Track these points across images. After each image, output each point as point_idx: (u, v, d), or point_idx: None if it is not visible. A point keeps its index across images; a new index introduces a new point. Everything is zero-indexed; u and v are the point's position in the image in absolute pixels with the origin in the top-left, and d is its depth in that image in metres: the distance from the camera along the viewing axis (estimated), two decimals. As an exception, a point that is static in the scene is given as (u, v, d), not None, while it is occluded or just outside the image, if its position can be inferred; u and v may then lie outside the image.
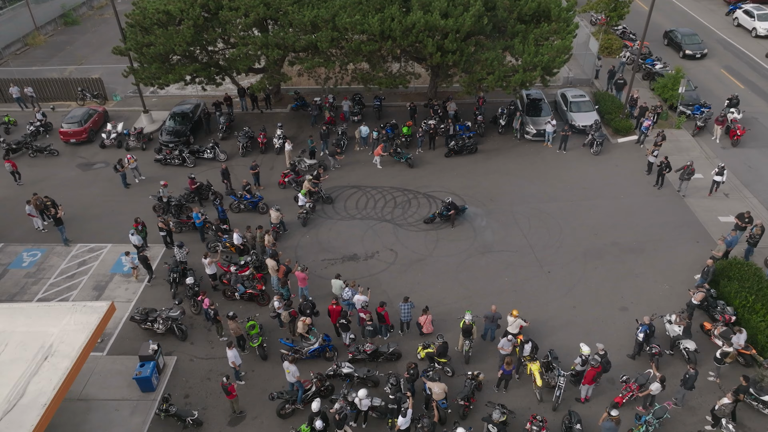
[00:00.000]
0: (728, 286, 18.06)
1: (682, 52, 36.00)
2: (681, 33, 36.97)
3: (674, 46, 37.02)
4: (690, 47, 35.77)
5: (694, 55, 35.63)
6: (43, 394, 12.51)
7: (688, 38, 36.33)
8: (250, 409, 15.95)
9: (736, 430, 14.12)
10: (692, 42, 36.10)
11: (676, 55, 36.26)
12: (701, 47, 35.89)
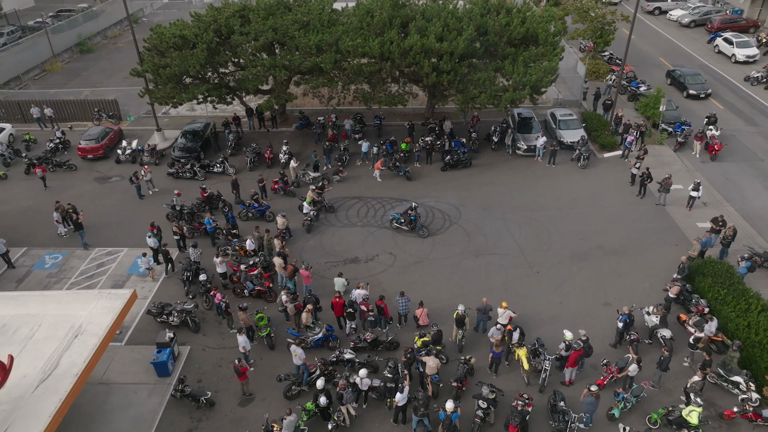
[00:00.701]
0: (702, 282, 19.47)
1: (686, 91, 35.56)
2: (684, 73, 36.54)
3: (678, 85, 36.54)
4: (694, 87, 35.37)
5: (698, 95, 35.14)
6: (75, 366, 13.82)
7: (692, 78, 35.91)
8: (259, 392, 17.17)
9: (702, 403, 15.35)
10: (696, 82, 35.66)
11: (680, 94, 35.80)
12: (705, 87, 35.45)
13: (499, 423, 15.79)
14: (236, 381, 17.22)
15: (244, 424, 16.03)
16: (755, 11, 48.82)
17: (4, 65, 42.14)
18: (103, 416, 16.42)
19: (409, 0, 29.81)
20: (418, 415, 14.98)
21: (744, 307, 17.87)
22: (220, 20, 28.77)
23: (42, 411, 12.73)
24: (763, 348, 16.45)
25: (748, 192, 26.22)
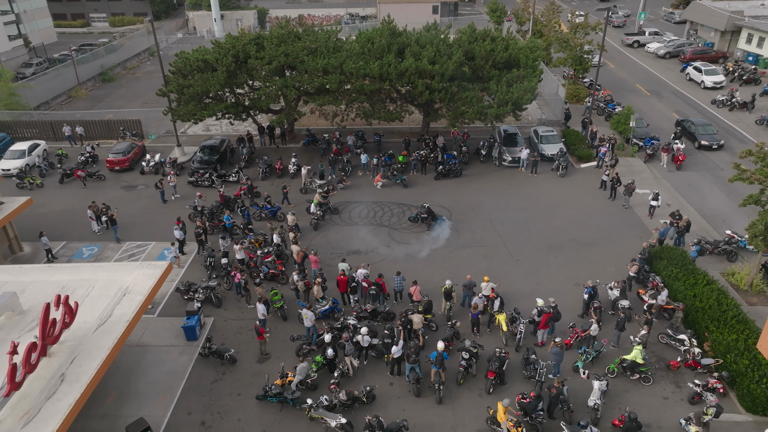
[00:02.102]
0: (659, 264, 22.42)
1: (697, 142, 33.95)
2: (695, 123, 35.08)
3: (688, 135, 34.94)
4: (705, 138, 33.85)
5: (711, 146, 33.60)
6: (125, 315, 16.68)
7: (703, 128, 34.41)
8: (274, 353, 19.90)
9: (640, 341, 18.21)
10: (707, 132, 34.19)
11: (690, 145, 34.34)
12: (716, 138, 33.86)
13: (480, 374, 18.50)
14: (255, 345, 20.02)
15: (262, 375, 18.71)
16: (724, 44, 53.08)
17: (35, 91, 46.03)
18: (141, 370, 19.15)
19: (405, 29, 33.71)
20: (410, 362, 17.74)
21: (692, 282, 20.77)
22: (238, 47, 32.56)
23: (101, 346, 15.56)
24: (704, 312, 19.27)
25: (707, 196, 29.39)
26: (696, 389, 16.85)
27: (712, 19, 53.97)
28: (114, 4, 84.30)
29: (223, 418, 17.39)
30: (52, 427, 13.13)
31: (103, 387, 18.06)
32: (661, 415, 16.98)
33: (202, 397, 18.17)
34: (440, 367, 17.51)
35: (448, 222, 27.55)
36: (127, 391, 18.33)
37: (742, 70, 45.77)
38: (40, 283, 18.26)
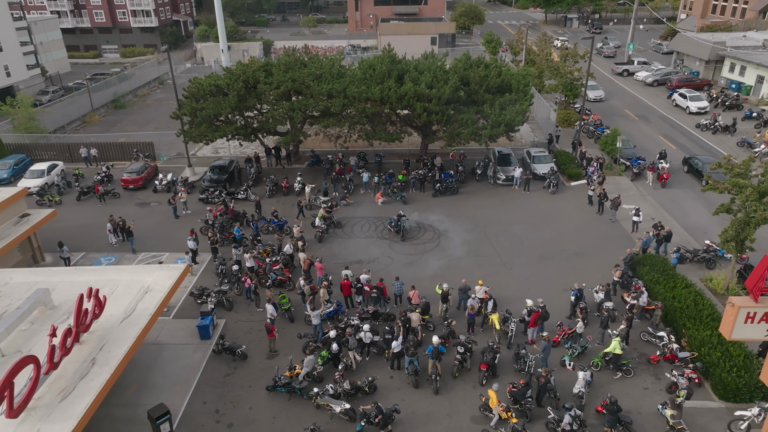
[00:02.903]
0: (642, 270, 24.01)
1: (705, 181, 30.26)
2: (702, 161, 34.08)
3: (695, 173, 34.14)
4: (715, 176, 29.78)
5: None
6: (148, 309, 18.21)
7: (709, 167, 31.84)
8: (282, 350, 21.31)
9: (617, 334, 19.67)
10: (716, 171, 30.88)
11: (697, 183, 33.49)
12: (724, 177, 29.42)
13: (474, 368, 19.89)
14: (264, 343, 21.48)
15: (271, 370, 20.09)
16: (709, 72, 55.68)
17: (52, 116, 48.27)
18: (159, 366, 20.56)
19: (405, 57, 36.03)
20: (409, 355, 19.19)
21: (672, 285, 22.33)
22: (248, 73, 34.81)
23: (127, 335, 17.07)
24: (682, 312, 20.78)
25: (689, 211, 31.14)
26: (673, 379, 18.24)
27: (697, 49, 56.70)
28: (125, 36, 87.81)
29: (235, 407, 18.75)
30: (86, 402, 14.56)
31: (124, 379, 19.44)
32: (642, 403, 18.34)
33: (215, 388, 19.56)
34: (436, 358, 18.94)
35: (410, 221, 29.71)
36: (145, 384, 19.71)
37: (725, 97, 48.11)
38: (68, 282, 19.83)
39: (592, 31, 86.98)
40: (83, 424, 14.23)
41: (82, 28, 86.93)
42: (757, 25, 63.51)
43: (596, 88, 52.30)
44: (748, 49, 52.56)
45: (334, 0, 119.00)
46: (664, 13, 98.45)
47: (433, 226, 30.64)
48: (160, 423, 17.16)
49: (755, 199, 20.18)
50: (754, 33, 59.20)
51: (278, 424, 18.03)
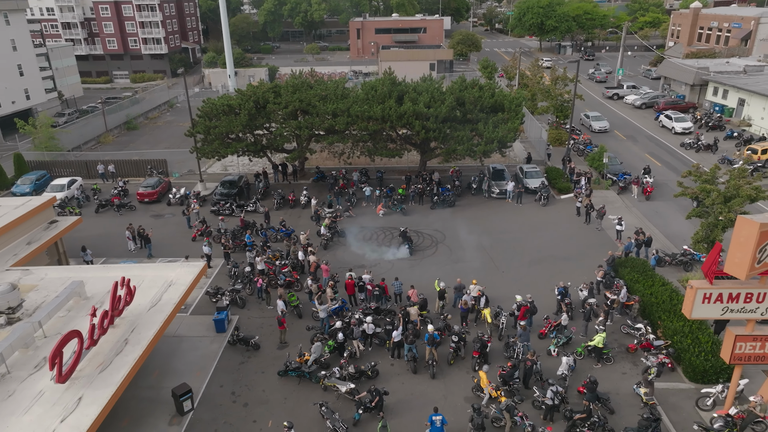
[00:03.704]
0: (623, 271, 26.00)
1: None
2: None
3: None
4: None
5: None
6: (172, 299, 20.17)
7: None
8: (291, 342, 23.16)
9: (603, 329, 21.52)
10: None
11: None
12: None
13: (468, 356, 21.73)
14: (275, 336, 23.36)
15: (282, 359, 21.93)
16: (694, 96, 58.44)
17: (69, 136, 50.81)
18: (179, 355, 22.41)
19: (404, 80, 38.65)
20: (408, 342, 21.07)
21: (650, 284, 24.29)
22: (258, 93, 37.37)
23: (155, 320, 19.01)
24: (659, 306, 22.70)
25: (671, 221, 33.25)
26: (647, 362, 20.08)
27: (682, 74, 59.61)
28: (135, 62, 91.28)
29: (250, 390, 20.56)
30: (122, 374, 16.45)
31: (147, 366, 21.25)
32: (620, 385, 20.16)
33: (231, 374, 21.39)
34: (432, 345, 20.82)
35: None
36: (167, 370, 21.55)
37: (708, 118, 50.69)
38: (98, 278, 21.82)
39: (585, 58, 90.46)
40: (119, 392, 16.10)
41: (94, 55, 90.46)
42: (740, 52, 66.64)
43: (600, 119, 52.39)
44: (731, 74, 55.37)
45: (336, 29, 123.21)
46: (654, 41, 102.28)
47: (431, 235, 32.71)
48: (183, 400, 19.02)
49: (721, 202, 22.29)
50: (736, 59, 62.20)
51: (289, 403, 19.82)
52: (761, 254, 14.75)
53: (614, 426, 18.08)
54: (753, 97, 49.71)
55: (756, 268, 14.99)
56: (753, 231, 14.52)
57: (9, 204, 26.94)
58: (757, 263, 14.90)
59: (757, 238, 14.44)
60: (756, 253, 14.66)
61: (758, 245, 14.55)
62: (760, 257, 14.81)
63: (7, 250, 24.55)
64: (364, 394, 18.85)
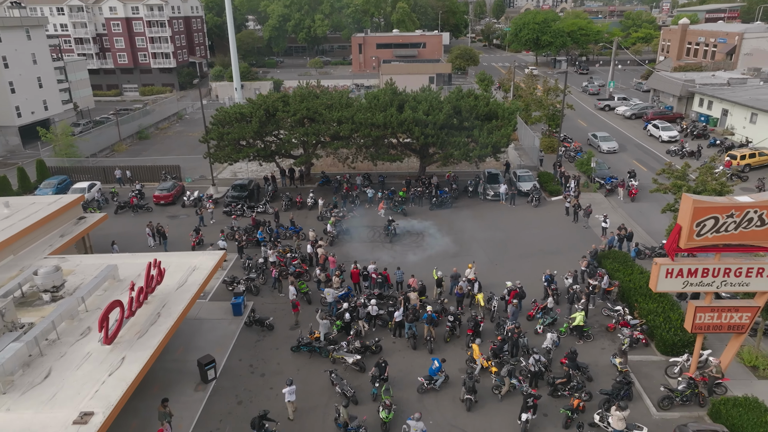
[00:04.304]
0: (606, 262, 28.36)
1: None
2: None
3: None
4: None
5: None
6: (197, 281, 22.51)
7: None
8: (302, 324, 25.46)
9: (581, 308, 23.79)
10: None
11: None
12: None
13: (463, 335, 24.00)
14: (287, 320, 25.65)
15: (294, 337, 24.22)
16: (682, 107, 61.20)
17: (86, 144, 53.43)
18: (200, 334, 24.69)
19: (405, 90, 41.35)
20: (408, 321, 23.37)
21: (629, 272, 26.65)
22: (268, 102, 40.04)
23: (182, 299, 21.34)
24: (636, 291, 25.02)
25: (653, 219, 35.64)
26: (621, 337, 22.35)
27: (670, 86, 62.44)
28: (144, 76, 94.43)
29: (266, 363, 22.83)
30: (157, 340, 18.76)
31: (172, 344, 23.50)
32: (599, 358, 22.41)
33: (249, 350, 23.67)
34: (430, 323, 23.13)
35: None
36: (190, 347, 23.81)
37: (693, 127, 53.35)
38: (128, 264, 24.19)
39: (579, 72, 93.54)
40: (155, 355, 18.39)
41: (105, 69, 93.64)
42: (725, 66, 69.61)
43: (609, 140, 50.51)
44: (715, 87, 58.13)
45: (338, 44, 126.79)
46: (646, 55, 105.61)
47: (430, 233, 35.09)
48: (207, 369, 21.30)
49: (690, 197, 24.70)
50: (722, 73, 65.10)
51: (302, 374, 22.06)
52: (699, 228, 17.22)
53: (591, 390, 20.34)
54: (735, 108, 52.40)
55: (695, 240, 17.45)
56: (689, 206, 17.16)
57: (42, 201, 29.43)
58: (696, 236, 17.36)
59: (691, 213, 17.03)
60: (693, 225, 17.18)
61: (694, 219, 17.11)
62: (699, 230, 17.27)
63: (44, 241, 26.97)
64: (374, 370, 21.01)
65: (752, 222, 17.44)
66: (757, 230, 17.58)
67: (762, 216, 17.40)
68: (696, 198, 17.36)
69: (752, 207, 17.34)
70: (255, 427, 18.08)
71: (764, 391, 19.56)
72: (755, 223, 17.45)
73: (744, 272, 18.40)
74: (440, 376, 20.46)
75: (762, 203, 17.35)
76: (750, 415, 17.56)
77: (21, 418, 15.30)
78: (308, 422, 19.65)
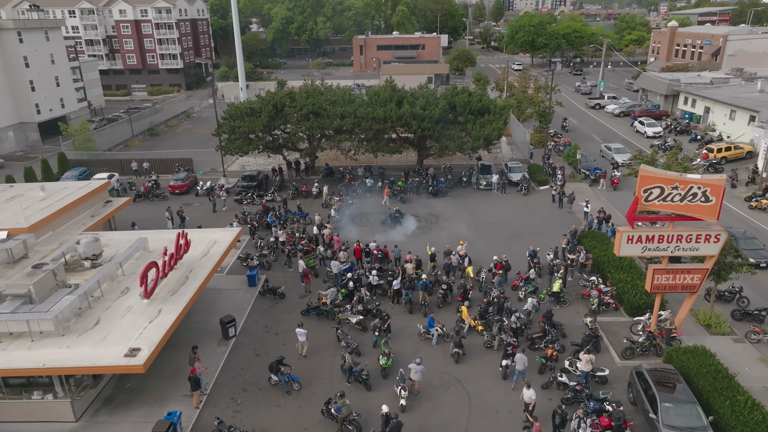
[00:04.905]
0: (585, 240, 31.34)
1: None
2: (736, 237, 29.50)
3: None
4: (750, 255, 28.55)
5: (758, 264, 28.37)
6: (217, 252, 25.47)
7: (745, 243, 29.70)
8: (312, 291, 28.41)
9: (560, 277, 26.73)
10: (751, 247, 29.58)
11: None
12: (764, 254, 29.51)
13: (454, 302, 26.95)
14: (297, 290, 28.62)
15: (303, 303, 27.16)
16: (668, 105, 64.25)
17: (101, 139, 56.47)
18: (220, 301, 27.64)
19: (404, 87, 44.39)
20: (405, 288, 26.34)
21: (605, 248, 29.61)
22: (276, 98, 43.06)
23: (206, 266, 24.31)
24: (609, 263, 27.96)
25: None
26: (593, 299, 25.32)
27: (657, 86, 65.50)
28: (152, 76, 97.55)
29: (279, 324, 25.79)
30: (187, 297, 21.72)
31: (195, 308, 26.44)
32: (573, 320, 25.37)
33: (263, 314, 26.63)
34: (425, 290, 26.10)
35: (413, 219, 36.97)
36: (212, 311, 26.77)
37: (677, 124, 56.39)
38: (155, 238, 27.17)
39: (573, 73, 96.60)
40: (186, 309, 21.35)
41: (114, 70, 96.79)
42: (710, 67, 72.68)
43: (623, 151, 47.35)
44: (698, 86, 61.17)
45: (340, 46, 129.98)
46: (639, 57, 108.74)
47: (426, 218, 38.08)
48: (229, 326, 24.27)
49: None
50: (707, 73, 68.16)
51: (311, 332, 24.93)
52: (646, 194, 20.30)
53: (564, 344, 23.29)
54: (716, 105, 55.43)
55: (644, 204, 20.62)
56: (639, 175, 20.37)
57: (74, 186, 32.46)
58: (644, 201, 20.49)
59: (639, 180, 20.15)
60: (641, 191, 20.35)
61: (641, 186, 20.36)
62: (646, 196, 20.36)
63: (77, 220, 29.99)
64: (377, 321, 23.98)
65: (696, 197, 20.42)
66: (701, 205, 20.55)
67: (706, 193, 20.36)
68: (645, 168, 20.42)
69: (696, 183, 20.32)
70: (272, 369, 21.03)
71: (713, 344, 22.47)
72: (699, 198, 20.43)
73: (694, 238, 21.36)
74: (436, 330, 23.34)
75: (706, 181, 20.33)
76: (696, 360, 20.46)
77: (81, 353, 18.29)
78: (318, 369, 22.60)
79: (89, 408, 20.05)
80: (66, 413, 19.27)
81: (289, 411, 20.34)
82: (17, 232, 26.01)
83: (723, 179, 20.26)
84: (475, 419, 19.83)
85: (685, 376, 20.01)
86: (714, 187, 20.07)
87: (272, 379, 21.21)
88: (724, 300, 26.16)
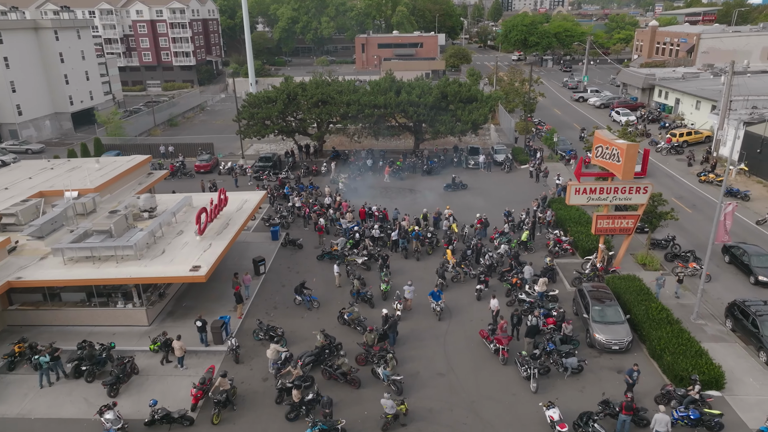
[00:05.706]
0: (554, 205, 37.28)
1: (753, 277, 27.95)
2: (749, 252, 28.91)
3: (740, 266, 29.22)
4: (764, 272, 27.68)
5: None
6: (249, 208, 31.45)
7: (758, 260, 28.40)
8: (325, 242, 34.37)
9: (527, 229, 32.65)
10: (765, 265, 28.13)
11: (744, 278, 28.56)
12: None
13: (440, 249, 32.86)
14: (312, 242, 34.59)
15: (317, 252, 33.14)
16: (645, 97, 70.21)
17: (128, 127, 62.47)
18: (249, 250, 33.59)
19: (402, 79, 50.39)
20: (401, 237, 32.33)
21: (568, 209, 35.54)
22: (290, 88, 49.06)
23: (241, 218, 30.28)
24: (571, 219, 33.90)
25: (599, 180, 44.58)
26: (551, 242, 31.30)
27: (635, 80, 71.43)
28: (167, 73, 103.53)
29: (299, 264, 31.79)
30: (230, 237, 27.68)
31: (230, 254, 32.36)
32: (537, 262, 31.22)
33: (286, 259, 32.62)
34: (417, 240, 32.08)
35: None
36: (243, 257, 32.71)
37: (650, 113, 62.34)
38: (197, 198, 33.14)
39: (563, 70, 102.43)
40: (230, 244, 27.30)
41: (131, 66, 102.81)
42: (685, 63, 78.58)
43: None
44: (671, 80, 67.10)
45: (342, 45, 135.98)
46: (625, 54, 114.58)
47: (422, 192, 44.05)
48: (260, 264, 30.25)
49: (609, 150, 33.60)
50: (682, 68, 74.06)
51: (326, 271, 30.92)
52: (597, 151, 26.30)
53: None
54: (685, 97, 61.37)
55: (596, 159, 26.57)
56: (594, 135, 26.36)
57: (122, 159, 38.47)
58: (595, 157, 26.49)
59: (594, 140, 26.14)
60: (594, 149, 26.28)
61: (595, 144, 26.19)
62: (597, 153, 26.39)
63: (129, 186, 36.00)
64: (380, 261, 29.89)
65: (614, 157, 26.40)
66: (614, 164, 26.55)
67: (618, 155, 26.25)
68: (599, 132, 26.52)
69: (614, 146, 26.26)
70: (297, 291, 27.01)
71: (645, 276, 28.39)
72: (615, 158, 26.41)
73: (627, 190, 27.28)
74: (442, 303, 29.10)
75: (618, 144, 26.14)
76: (626, 283, 26.42)
77: (155, 269, 24.30)
78: (334, 296, 28.55)
79: (158, 317, 26.05)
80: (141, 318, 25.27)
81: (310, 320, 26.32)
82: (86, 192, 31.98)
83: (633, 145, 26.10)
84: (454, 324, 25.81)
85: (617, 294, 25.97)
86: (623, 151, 25.98)
87: (296, 299, 27.19)
88: (661, 247, 32.14)
